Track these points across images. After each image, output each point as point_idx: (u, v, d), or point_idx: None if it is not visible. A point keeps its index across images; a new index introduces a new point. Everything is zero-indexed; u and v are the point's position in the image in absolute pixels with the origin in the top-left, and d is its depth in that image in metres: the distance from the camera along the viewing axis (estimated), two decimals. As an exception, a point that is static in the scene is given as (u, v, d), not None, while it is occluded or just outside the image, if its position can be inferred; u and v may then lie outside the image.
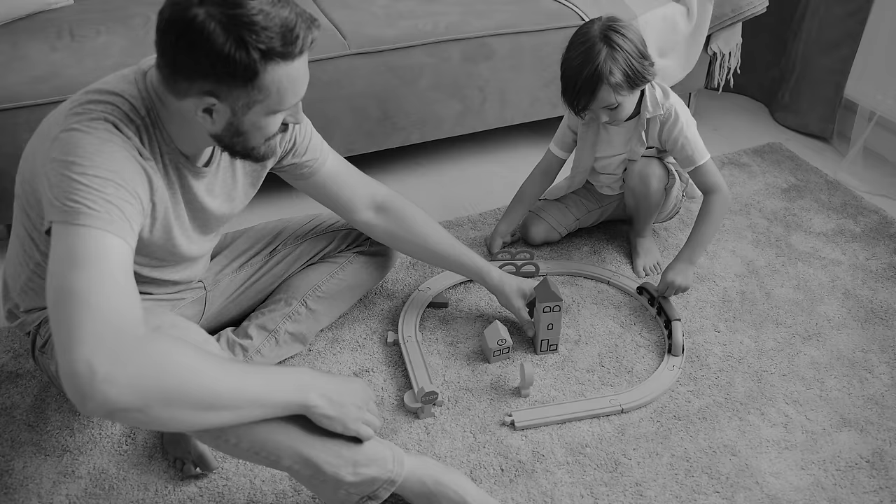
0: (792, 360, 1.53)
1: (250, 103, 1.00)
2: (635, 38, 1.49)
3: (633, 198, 1.73)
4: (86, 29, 1.84)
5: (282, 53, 0.96)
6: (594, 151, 1.71)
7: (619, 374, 1.49)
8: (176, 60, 0.96)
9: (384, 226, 1.44)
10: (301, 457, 1.03)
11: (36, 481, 1.26)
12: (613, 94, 1.48)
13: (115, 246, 0.92)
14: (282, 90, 1.00)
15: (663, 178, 1.67)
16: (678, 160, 1.66)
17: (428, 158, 2.23)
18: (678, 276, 1.59)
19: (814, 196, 2.06)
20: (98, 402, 0.82)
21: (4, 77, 1.62)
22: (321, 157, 1.35)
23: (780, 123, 2.46)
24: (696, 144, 1.61)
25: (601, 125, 1.65)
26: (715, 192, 1.63)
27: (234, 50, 0.93)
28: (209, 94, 0.98)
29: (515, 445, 1.34)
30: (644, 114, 1.60)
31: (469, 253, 1.51)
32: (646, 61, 1.50)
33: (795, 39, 2.34)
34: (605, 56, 1.45)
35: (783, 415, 1.41)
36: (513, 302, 1.52)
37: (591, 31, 1.48)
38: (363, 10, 1.99)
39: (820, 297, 1.70)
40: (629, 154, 1.67)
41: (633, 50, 1.47)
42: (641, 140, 1.64)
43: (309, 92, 1.06)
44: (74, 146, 0.95)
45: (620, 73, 1.46)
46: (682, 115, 1.61)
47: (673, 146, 1.62)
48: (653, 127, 1.62)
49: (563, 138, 1.75)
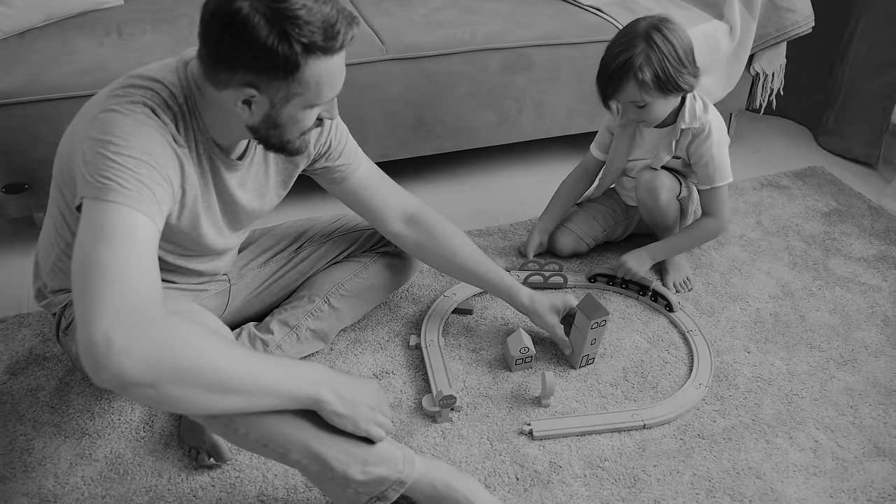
0: (825, 384, 1.48)
1: (289, 96, 1.01)
2: (680, 43, 1.46)
3: (645, 211, 1.71)
4: (133, 27, 1.89)
5: (323, 48, 0.97)
6: (628, 154, 1.69)
7: (643, 390, 1.46)
8: (218, 51, 0.97)
9: (414, 237, 1.43)
10: (310, 451, 1.01)
11: (54, 461, 1.28)
12: (639, 91, 1.47)
13: (142, 224, 0.93)
14: (320, 84, 1.01)
15: (673, 189, 1.65)
16: (698, 176, 1.64)
17: (462, 168, 2.23)
18: (633, 260, 1.67)
19: (856, 221, 2.00)
20: (112, 373, 0.82)
21: (51, 69, 1.67)
22: (354, 162, 1.35)
23: (824, 148, 2.40)
24: (720, 165, 1.59)
25: (637, 128, 1.64)
26: (714, 217, 1.65)
27: (277, 43, 0.94)
28: (249, 86, 0.99)
29: (532, 455, 1.31)
30: (679, 123, 1.58)
31: (498, 270, 1.49)
32: (684, 69, 1.47)
33: (842, 62, 2.29)
34: (640, 53, 1.44)
35: (813, 440, 1.36)
36: (547, 320, 1.48)
37: (637, 26, 1.48)
38: (403, 18, 2.01)
39: (858, 322, 1.65)
40: (652, 161, 1.65)
41: (671, 54, 1.45)
42: (669, 148, 1.61)
43: (345, 95, 1.07)
44: (112, 126, 0.97)
45: (651, 73, 1.44)
46: (717, 132, 1.58)
47: (698, 161, 1.60)
48: (684, 138, 1.60)
49: (601, 139, 1.75)
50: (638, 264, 1.67)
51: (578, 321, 1.44)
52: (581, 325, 1.43)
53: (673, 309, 1.64)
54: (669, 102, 1.53)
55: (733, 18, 2.06)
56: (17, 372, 1.45)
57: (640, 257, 1.68)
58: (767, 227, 1.98)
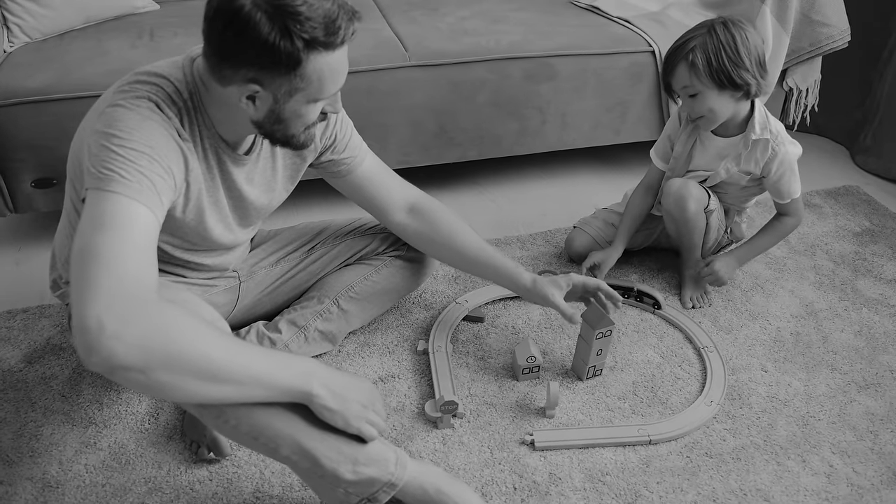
0: (844, 408, 1.42)
1: (292, 91, 1.02)
2: (742, 40, 1.43)
3: (671, 221, 1.66)
4: (165, 31, 1.94)
5: (324, 43, 0.98)
6: (689, 163, 1.65)
7: (651, 405, 1.42)
8: (222, 48, 0.99)
9: (415, 227, 1.43)
10: (300, 447, 1.01)
11: (60, 448, 1.30)
12: (690, 75, 1.44)
13: (141, 215, 0.94)
14: (323, 79, 1.02)
15: (701, 200, 1.60)
16: (771, 191, 1.61)
17: (485, 176, 2.22)
18: (723, 267, 1.64)
19: (889, 242, 1.93)
20: (102, 357, 0.83)
21: (83, 69, 1.72)
22: (360, 155, 1.36)
23: (861, 167, 2.33)
24: (797, 177, 1.58)
25: (698, 136, 1.61)
26: (793, 217, 1.64)
27: (279, 39, 0.95)
28: (253, 82, 1.00)
29: (532, 465, 1.29)
30: (749, 134, 1.53)
31: (499, 256, 1.44)
32: (741, 63, 1.42)
33: (881, 80, 2.23)
34: (698, 37, 1.44)
35: (827, 464, 1.31)
36: (548, 293, 1.39)
37: (708, 20, 1.47)
38: (429, 26, 2.02)
39: (884, 345, 1.58)
40: (716, 173, 1.61)
41: (729, 44, 1.42)
42: (738, 160, 1.57)
43: (367, 101, 1.08)
44: (116, 120, 1.00)
45: (703, 58, 1.42)
46: (790, 143, 1.55)
47: (778, 179, 1.57)
48: (756, 150, 1.55)
49: (662, 146, 1.71)
50: (727, 272, 1.64)
51: (583, 331, 1.42)
52: (586, 335, 1.41)
53: (660, 306, 1.63)
54: (725, 101, 1.47)
55: (765, 31, 2.02)
56: (33, 360, 1.49)
57: (729, 263, 1.65)
58: (795, 245, 1.92)
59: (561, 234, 1.94)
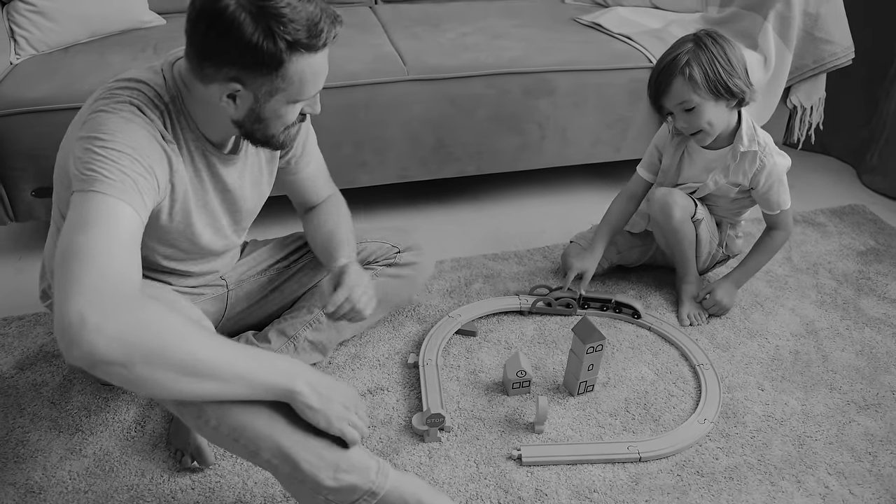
0: (842, 428, 1.39)
1: (273, 91, 1.04)
2: (730, 50, 1.44)
3: (659, 232, 1.65)
4: (169, 45, 1.96)
5: (306, 45, 1.00)
6: (678, 175, 1.64)
7: (643, 422, 1.40)
8: (205, 48, 1.00)
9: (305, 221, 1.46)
10: (280, 450, 1.00)
11: (45, 454, 1.30)
12: (688, 89, 1.43)
13: (124, 214, 0.95)
14: (304, 80, 1.03)
15: (687, 208, 1.59)
16: (760, 202, 1.60)
17: (484, 192, 2.22)
18: (726, 296, 1.65)
19: (894, 261, 1.90)
20: (84, 351, 0.83)
21: (85, 80, 1.74)
22: (315, 158, 1.40)
23: (867, 186, 2.30)
24: (786, 189, 1.57)
25: (687, 148, 1.60)
26: (781, 230, 1.62)
27: (263, 39, 0.97)
28: (234, 81, 1.02)
29: (518, 481, 1.27)
30: (737, 145, 1.52)
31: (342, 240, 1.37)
32: (734, 72, 1.43)
33: (887, 98, 2.20)
34: (689, 51, 1.43)
35: (823, 485, 1.27)
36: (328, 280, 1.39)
37: (689, 35, 1.47)
38: (431, 42, 2.03)
39: (886, 365, 1.55)
40: (701, 188, 1.60)
41: (721, 57, 1.42)
42: (726, 172, 1.56)
43: (365, 115, 1.08)
44: (99, 124, 1.01)
45: (700, 70, 1.42)
46: (778, 154, 1.55)
47: (767, 190, 1.56)
48: (744, 162, 1.54)
49: (649, 158, 1.69)
50: (730, 299, 1.67)
51: (574, 346, 1.40)
52: (577, 350, 1.39)
53: (639, 315, 1.63)
54: (721, 111, 1.47)
55: (768, 49, 2.01)
56: (25, 367, 1.49)
57: (728, 290, 1.67)
58: (797, 263, 1.89)
59: (559, 249, 1.93)
